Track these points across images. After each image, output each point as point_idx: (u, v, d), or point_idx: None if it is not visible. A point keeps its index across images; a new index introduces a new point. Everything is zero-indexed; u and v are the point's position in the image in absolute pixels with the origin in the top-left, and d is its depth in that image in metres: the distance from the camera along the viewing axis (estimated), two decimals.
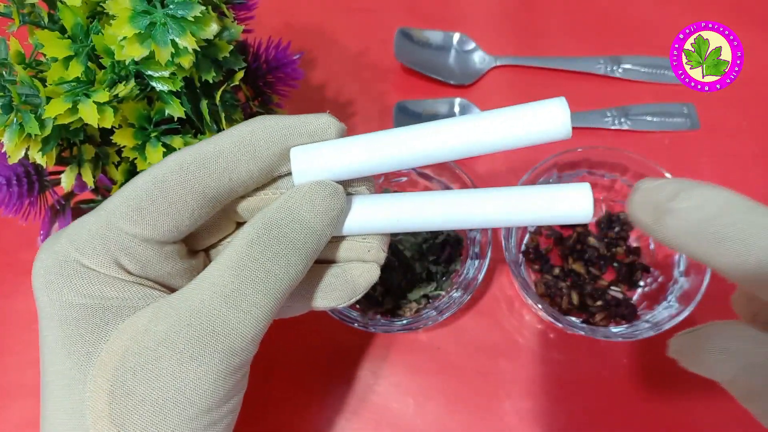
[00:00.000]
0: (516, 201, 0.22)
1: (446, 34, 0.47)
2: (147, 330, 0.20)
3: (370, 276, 0.24)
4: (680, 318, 0.33)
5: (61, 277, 0.21)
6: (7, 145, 0.25)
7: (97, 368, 0.20)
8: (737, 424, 0.35)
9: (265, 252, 0.21)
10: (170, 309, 0.20)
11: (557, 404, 0.35)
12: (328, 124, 0.22)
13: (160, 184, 0.21)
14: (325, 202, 0.22)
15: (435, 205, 0.23)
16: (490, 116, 0.21)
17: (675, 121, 0.44)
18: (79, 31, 0.25)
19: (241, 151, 0.21)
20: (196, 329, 0.20)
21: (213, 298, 0.20)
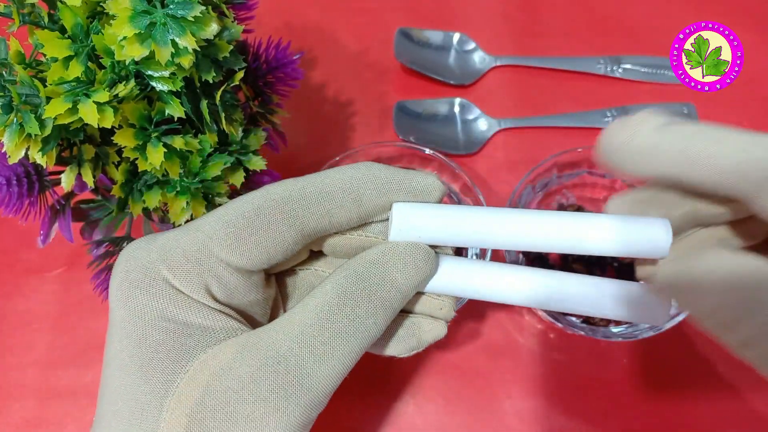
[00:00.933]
0: (599, 295, 0.23)
1: (446, 34, 0.47)
2: (231, 368, 0.19)
3: (438, 333, 0.24)
4: (680, 318, 0.33)
5: (146, 293, 0.20)
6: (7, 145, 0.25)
7: (175, 400, 0.19)
8: (737, 424, 0.35)
9: (355, 309, 0.20)
10: (256, 350, 0.20)
11: (557, 404, 0.35)
12: (433, 185, 0.22)
13: (261, 215, 0.21)
14: (417, 266, 0.22)
15: (519, 282, 0.23)
16: (596, 221, 0.22)
17: None
18: (79, 31, 0.25)
19: (346, 197, 0.21)
20: (281, 378, 0.19)
21: (301, 347, 0.20)
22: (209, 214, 0.21)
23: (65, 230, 0.31)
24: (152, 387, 0.19)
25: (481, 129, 0.44)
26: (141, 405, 0.19)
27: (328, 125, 0.44)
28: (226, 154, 0.29)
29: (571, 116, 0.44)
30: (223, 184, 0.29)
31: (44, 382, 0.36)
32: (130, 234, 0.32)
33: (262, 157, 0.31)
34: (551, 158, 0.37)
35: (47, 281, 0.39)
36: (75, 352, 0.37)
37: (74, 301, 0.38)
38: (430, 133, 0.43)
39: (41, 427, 0.35)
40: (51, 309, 0.38)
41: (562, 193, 0.40)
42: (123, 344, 0.20)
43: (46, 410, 0.35)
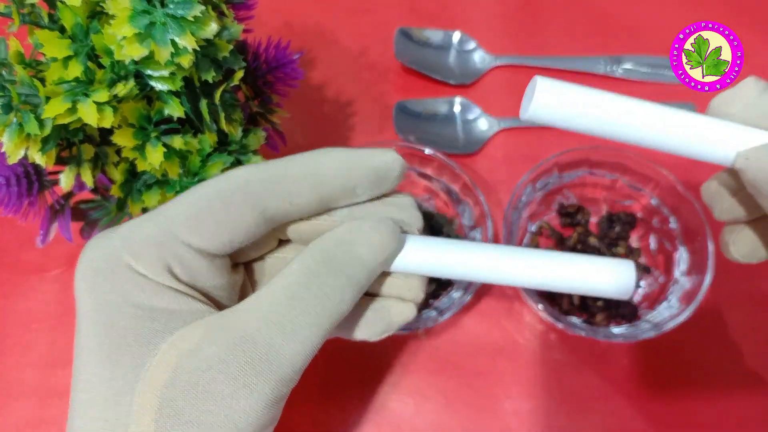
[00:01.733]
0: (562, 268, 0.23)
1: (446, 33, 0.47)
2: (199, 349, 0.20)
3: (406, 315, 0.24)
4: (681, 318, 0.33)
5: (110, 280, 0.20)
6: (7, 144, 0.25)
7: (145, 383, 0.19)
8: (737, 424, 0.35)
9: (322, 287, 0.21)
10: (223, 330, 0.20)
11: (557, 404, 0.35)
12: (393, 161, 0.22)
13: (222, 197, 0.21)
14: (383, 242, 0.22)
15: (484, 260, 0.23)
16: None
17: None
18: (79, 31, 0.25)
19: (306, 179, 0.21)
20: (250, 355, 0.19)
21: (268, 325, 0.20)
22: (172, 200, 0.22)
23: (64, 230, 0.31)
24: (122, 372, 0.19)
25: (482, 129, 0.44)
26: (113, 391, 0.19)
27: (328, 125, 0.44)
28: (225, 153, 0.29)
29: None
30: None
31: (44, 381, 0.36)
32: None
33: (262, 157, 0.30)
34: (552, 158, 0.37)
35: (47, 281, 0.39)
36: None
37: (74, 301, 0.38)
38: (430, 133, 0.43)
39: (41, 427, 0.35)
40: (50, 309, 0.38)
41: (563, 193, 0.40)
42: (90, 332, 0.20)
43: (46, 410, 0.35)
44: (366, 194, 0.23)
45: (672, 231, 0.37)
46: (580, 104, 0.21)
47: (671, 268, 0.37)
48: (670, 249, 0.37)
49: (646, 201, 0.39)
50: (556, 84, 0.21)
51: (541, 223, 0.40)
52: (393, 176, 0.22)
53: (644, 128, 0.21)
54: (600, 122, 0.21)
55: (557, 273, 0.23)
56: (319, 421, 0.35)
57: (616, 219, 0.39)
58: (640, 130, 0.21)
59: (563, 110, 0.21)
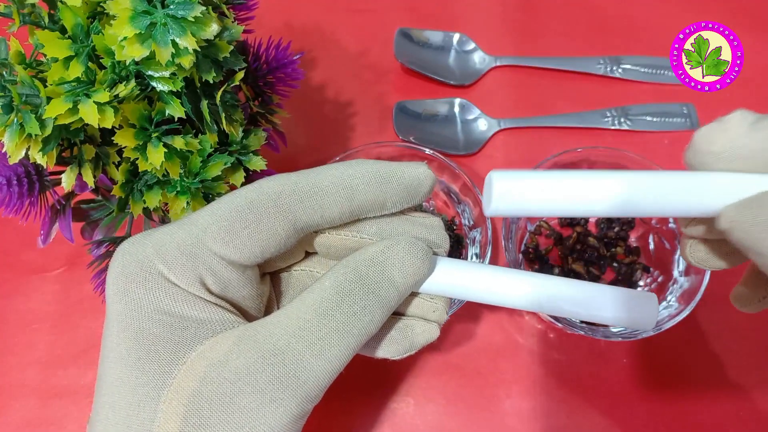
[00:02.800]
0: (591, 300, 0.23)
1: (446, 34, 0.47)
2: (228, 360, 0.20)
3: (430, 336, 0.24)
4: (680, 318, 0.33)
5: (143, 287, 0.20)
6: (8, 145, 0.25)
7: (172, 390, 0.19)
8: (737, 424, 0.35)
9: (353, 306, 0.21)
10: (253, 342, 0.20)
11: (557, 404, 0.35)
12: (424, 175, 0.22)
13: (254, 208, 0.21)
14: (415, 265, 0.22)
15: (512, 288, 0.23)
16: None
17: (675, 121, 0.44)
18: (80, 32, 0.25)
19: (338, 192, 0.21)
20: (278, 370, 0.19)
21: (298, 341, 0.20)
22: (203, 209, 0.22)
23: (66, 230, 0.31)
24: (149, 378, 0.20)
25: (481, 129, 0.44)
26: (138, 396, 0.19)
27: (328, 125, 0.44)
28: (226, 154, 0.29)
29: (571, 116, 0.44)
30: (223, 184, 0.29)
31: (44, 381, 0.36)
32: (130, 234, 0.32)
33: (262, 157, 0.31)
34: (551, 158, 0.37)
35: (48, 281, 0.39)
36: (75, 352, 0.37)
37: (74, 300, 0.38)
38: (430, 133, 0.43)
39: (41, 427, 0.35)
40: (51, 309, 0.38)
41: None
42: (120, 337, 0.20)
43: (47, 410, 0.35)
44: (395, 207, 0.23)
45: (671, 231, 0.37)
46: (542, 192, 0.21)
47: (670, 268, 0.37)
48: (669, 249, 0.37)
49: None
50: (512, 176, 0.21)
51: (540, 222, 0.40)
52: (423, 191, 0.22)
53: (613, 201, 0.21)
54: (567, 205, 0.21)
55: (585, 304, 0.23)
56: (321, 421, 0.35)
57: (615, 219, 0.39)
58: (609, 203, 0.21)
59: (526, 202, 0.21)
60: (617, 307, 0.23)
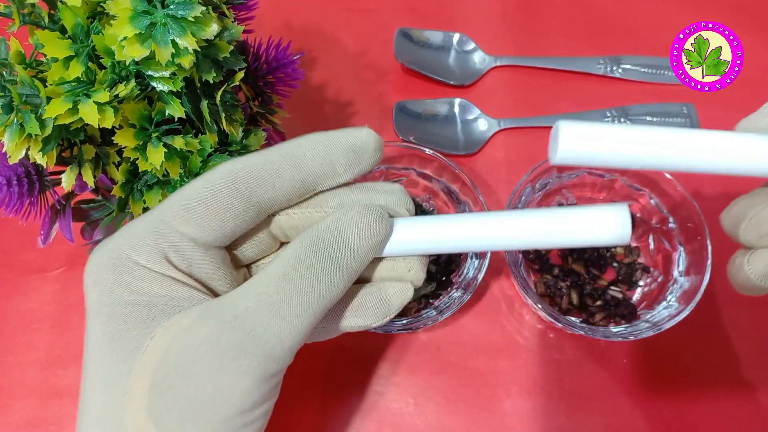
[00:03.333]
0: (553, 223, 0.23)
1: (446, 34, 0.47)
2: (190, 329, 0.20)
3: (405, 295, 0.24)
4: (680, 318, 0.33)
5: (112, 273, 0.21)
6: (8, 145, 0.25)
7: (140, 363, 0.20)
8: (737, 424, 0.35)
9: (310, 269, 0.21)
10: (214, 311, 0.21)
11: (557, 404, 0.35)
12: (368, 135, 0.23)
13: (210, 186, 0.22)
14: (371, 228, 0.22)
15: (476, 228, 0.23)
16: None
17: (675, 121, 0.44)
18: (80, 32, 0.25)
19: (285, 160, 0.22)
20: (238, 332, 0.20)
21: (257, 305, 0.21)
22: (168, 196, 0.23)
23: (66, 230, 0.31)
24: (121, 355, 0.21)
25: (481, 129, 0.44)
26: (112, 372, 0.21)
27: (329, 125, 0.44)
28: (226, 154, 0.29)
29: (570, 116, 0.44)
30: None
31: (44, 382, 0.36)
32: None
33: None
34: None
35: (47, 281, 0.39)
36: (75, 352, 0.37)
37: (74, 301, 0.38)
38: (430, 133, 0.43)
39: (41, 427, 0.35)
40: (51, 309, 0.38)
41: (562, 193, 0.40)
42: (95, 322, 0.21)
43: (46, 410, 0.35)
44: (347, 172, 0.23)
45: (671, 231, 0.37)
46: (608, 142, 0.21)
47: (670, 267, 0.37)
48: (669, 249, 0.37)
49: (645, 201, 0.39)
50: (579, 126, 0.21)
51: None
52: (369, 150, 0.23)
53: (675, 155, 0.21)
54: (631, 156, 0.21)
55: (552, 228, 0.23)
56: (321, 421, 0.35)
57: None
58: (672, 157, 0.21)
59: (591, 152, 0.21)
60: (588, 223, 0.22)
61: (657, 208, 0.38)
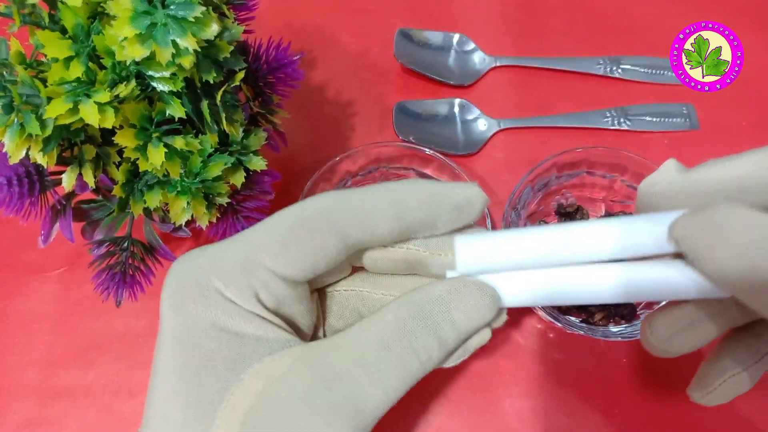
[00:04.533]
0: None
1: (446, 34, 0.47)
2: (286, 379, 0.20)
3: (482, 339, 0.23)
4: None
5: (199, 303, 0.20)
6: (8, 145, 0.25)
7: (228, 407, 0.19)
8: (737, 424, 0.35)
9: (414, 341, 0.21)
10: (312, 363, 0.20)
11: (557, 404, 0.35)
12: (476, 195, 0.22)
13: (306, 224, 0.21)
14: (480, 311, 0.22)
15: (594, 279, 0.22)
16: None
17: (675, 122, 0.44)
18: (80, 32, 0.25)
19: (388, 211, 0.21)
20: (336, 394, 0.19)
21: (357, 367, 0.20)
22: (255, 226, 0.22)
23: (66, 230, 0.31)
24: (206, 393, 0.19)
25: (481, 129, 0.44)
26: (194, 411, 0.19)
27: (328, 125, 0.44)
28: (226, 154, 0.29)
29: (570, 116, 0.44)
30: (223, 184, 0.29)
31: (44, 381, 0.36)
32: (131, 234, 0.32)
33: (263, 157, 0.31)
34: (551, 158, 0.37)
35: (48, 281, 0.39)
36: (75, 352, 0.37)
37: (75, 300, 0.38)
38: (430, 134, 0.43)
39: (41, 426, 0.35)
40: (51, 309, 0.38)
41: (562, 194, 0.40)
42: (176, 351, 0.20)
43: (47, 410, 0.35)
44: (446, 228, 0.22)
45: None
46: (503, 254, 0.22)
47: None
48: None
49: None
50: (475, 239, 0.22)
51: (539, 223, 0.40)
52: (474, 212, 0.22)
53: (572, 255, 0.22)
54: (527, 261, 0.22)
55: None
56: None
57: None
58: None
59: (488, 263, 0.22)
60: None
61: None
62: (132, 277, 0.32)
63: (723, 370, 0.23)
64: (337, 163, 0.38)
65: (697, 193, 0.21)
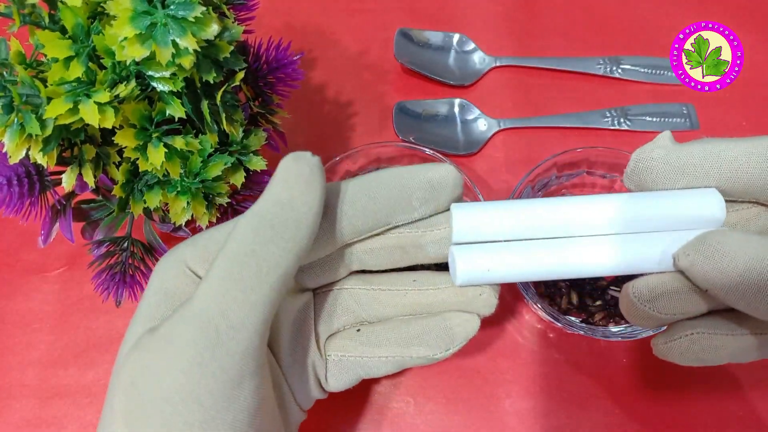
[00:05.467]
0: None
1: (446, 34, 0.47)
2: (157, 331, 0.20)
3: (470, 326, 0.24)
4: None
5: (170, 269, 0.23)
6: (8, 145, 0.25)
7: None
8: (737, 424, 0.35)
9: (255, 239, 0.21)
10: (184, 313, 0.20)
11: (557, 404, 0.35)
12: (447, 171, 0.23)
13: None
14: (300, 179, 0.22)
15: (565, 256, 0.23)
16: (654, 197, 0.23)
17: (674, 122, 0.44)
18: (80, 32, 0.25)
19: (359, 195, 0.22)
20: (201, 329, 0.20)
21: (216, 291, 0.20)
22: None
23: (66, 230, 0.31)
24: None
25: (481, 129, 0.44)
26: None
27: (328, 125, 0.44)
28: (226, 154, 0.29)
29: (570, 116, 0.44)
30: (223, 184, 0.29)
31: (44, 381, 0.36)
32: (130, 234, 0.32)
33: (263, 158, 0.31)
34: (551, 158, 0.37)
35: (48, 281, 0.39)
36: (75, 352, 0.37)
37: (75, 300, 0.38)
38: (430, 134, 0.43)
39: (41, 426, 0.35)
40: (51, 309, 0.38)
41: (562, 194, 0.40)
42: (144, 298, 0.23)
43: (47, 410, 0.35)
44: (423, 207, 0.23)
45: None
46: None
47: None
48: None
49: None
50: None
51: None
52: (448, 186, 0.22)
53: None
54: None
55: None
56: (321, 421, 0.35)
57: None
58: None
59: (483, 231, 0.22)
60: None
61: None
62: (132, 277, 0.32)
63: (692, 325, 0.23)
64: (337, 163, 0.38)
65: (690, 167, 0.22)
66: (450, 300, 0.24)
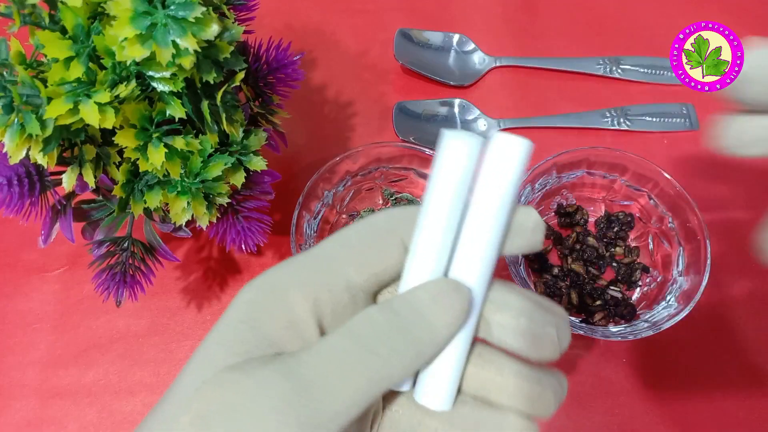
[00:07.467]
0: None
1: (446, 35, 0.47)
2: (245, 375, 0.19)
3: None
4: (679, 317, 0.33)
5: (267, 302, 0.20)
6: (9, 145, 0.25)
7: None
8: (736, 422, 0.35)
9: (379, 337, 0.19)
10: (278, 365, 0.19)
11: None
12: (527, 215, 0.21)
13: (376, 231, 0.21)
14: (448, 298, 0.20)
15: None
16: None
17: (674, 122, 0.44)
18: (80, 32, 0.25)
19: (390, 237, 0.21)
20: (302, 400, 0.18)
21: (326, 371, 0.19)
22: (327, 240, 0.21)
23: (66, 230, 0.31)
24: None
25: (481, 129, 0.44)
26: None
27: (328, 125, 0.44)
28: (226, 154, 0.29)
29: (570, 116, 0.44)
30: (223, 184, 0.29)
31: (45, 381, 0.36)
32: (131, 234, 0.32)
33: (263, 158, 0.31)
34: (551, 158, 0.37)
35: (48, 281, 0.39)
36: (76, 352, 0.37)
37: (75, 300, 0.38)
38: (430, 134, 0.43)
39: (41, 426, 0.35)
40: (52, 309, 0.38)
41: (561, 193, 0.40)
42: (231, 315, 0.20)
43: (47, 410, 0.35)
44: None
45: (670, 231, 0.37)
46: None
47: (669, 267, 0.37)
48: (668, 249, 0.37)
49: (645, 201, 0.39)
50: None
51: None
52: (527, 230, 0.21)
53: None
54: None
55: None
56: None
57: (615, 219, 0.39)
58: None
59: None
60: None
61: (656, 208, 0.38)
62: (132, 277, 0.32)
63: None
64: (337, 163, 0.38)
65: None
66: (499, 390, 0.22)
